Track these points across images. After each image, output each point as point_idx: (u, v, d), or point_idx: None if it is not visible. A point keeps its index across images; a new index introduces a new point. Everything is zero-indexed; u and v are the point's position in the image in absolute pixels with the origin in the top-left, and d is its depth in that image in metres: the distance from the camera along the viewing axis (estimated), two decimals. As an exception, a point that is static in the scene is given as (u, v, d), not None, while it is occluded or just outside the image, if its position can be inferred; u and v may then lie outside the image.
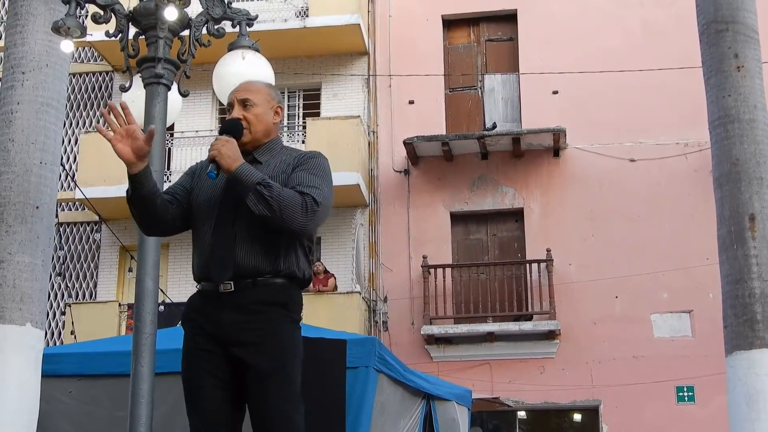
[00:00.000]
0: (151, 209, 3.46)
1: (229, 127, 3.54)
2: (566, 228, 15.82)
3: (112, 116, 3.33)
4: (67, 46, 3.83)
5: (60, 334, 15.94)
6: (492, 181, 16.30)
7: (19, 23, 4.92)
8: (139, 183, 3.38)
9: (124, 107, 3.44)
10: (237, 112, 3.59)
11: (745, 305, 5.04)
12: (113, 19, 3.88)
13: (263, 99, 3.63)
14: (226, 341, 3.39)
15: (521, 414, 16.03)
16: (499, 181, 16.28)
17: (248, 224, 3.41)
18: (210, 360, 3.41)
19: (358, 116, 15.92)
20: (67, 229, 16.75)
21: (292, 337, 3.43)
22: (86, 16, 4.61)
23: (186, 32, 3.92)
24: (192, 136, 16.09)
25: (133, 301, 3.55)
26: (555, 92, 16.33)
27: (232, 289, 3.40)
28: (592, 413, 15.48)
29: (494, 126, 16.19)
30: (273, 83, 4.29)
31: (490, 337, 15.29)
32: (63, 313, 15.75)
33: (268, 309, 3.39)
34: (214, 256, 3.49)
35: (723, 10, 5.41)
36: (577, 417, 16.20)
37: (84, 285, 16.53)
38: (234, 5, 4.08)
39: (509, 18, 17.16)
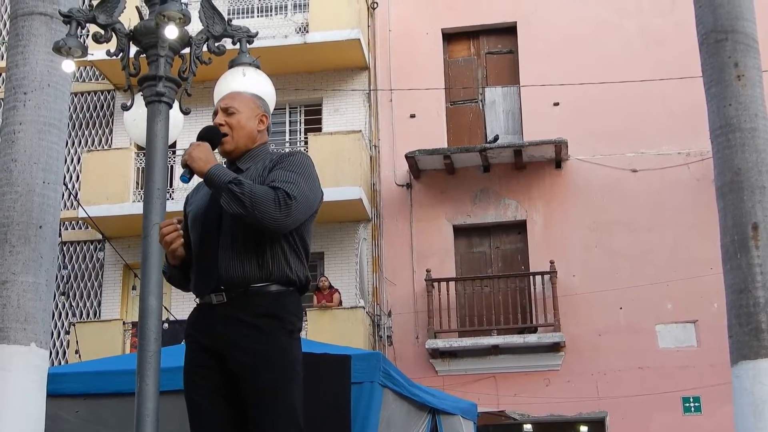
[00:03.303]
0: (185, 280, 3.66)
1: (205, 134, 3.56)
2: (569, 239, 15.80)
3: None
4: (68, 65, 3.85)
5: (64, 353, 15.92)
6: (494, 193, 16.29)
7: (20, 44, 4.94)
8: (177, 269, 3.60)
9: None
10: (219, 119, 3.61)
11: (750, 314, 5.03)
12: (114, 39, 3.89)
13: (246, 106, 3.64)
14: (222, 355, 3.34)
15: (527, 427, 15.95)
16: (501, 194, 16.27)
17: (232, 232, 3.38)
18: (208, 376, 3.38)
19: (360, 131, 15.94)
20: (71, 248, 16.75)
21: (287, 351, 3.35)
22: (87, 35, 4.62)
23: (187, 50, 3.93)
24: (194, 153, 16.09)
25: (137, 319, 3.54)
26: (556, 104, 16.34)
27: (225, 300, 3.37)
28: (598, 425, 15.41)
29: (497, 138, 16.20)
30: (274, 99, 4.29)
31: (494, 350, 15.26)
32: (67, 333, 15.74)
33: (261, 322, 3.32)
34: (198, 268, 3.48)
35: (722, 19, 5.42)
36: (584, 429, 16.12)
37: (88, 304, 16.53)
38: (234, 22, 4.10)
39: (509, 31, 17.19)
